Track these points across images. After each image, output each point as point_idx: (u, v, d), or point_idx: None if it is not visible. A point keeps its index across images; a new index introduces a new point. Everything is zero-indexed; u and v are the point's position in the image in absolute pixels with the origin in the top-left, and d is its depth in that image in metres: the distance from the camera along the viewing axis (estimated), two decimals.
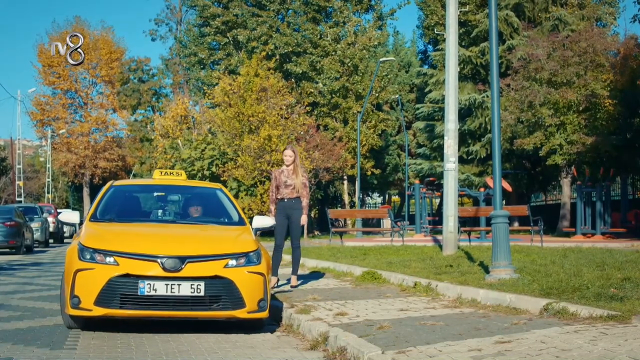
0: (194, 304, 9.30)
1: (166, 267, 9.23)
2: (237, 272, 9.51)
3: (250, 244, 10.11)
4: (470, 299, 10.95)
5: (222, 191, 12.37)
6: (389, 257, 19.23)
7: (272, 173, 14.57)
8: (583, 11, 45.50)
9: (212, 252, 9.68)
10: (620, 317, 8.30)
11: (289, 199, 14.05)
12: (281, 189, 14.10)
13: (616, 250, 18.60)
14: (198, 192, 13.00)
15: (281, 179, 14.12)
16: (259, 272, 9.67)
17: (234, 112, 38.65)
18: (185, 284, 9.24)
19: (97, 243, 9.67)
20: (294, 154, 14.25)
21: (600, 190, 34.36)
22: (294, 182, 14.06)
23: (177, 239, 10.26)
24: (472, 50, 47.36)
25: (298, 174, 14.16)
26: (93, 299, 9.17)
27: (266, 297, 9.66)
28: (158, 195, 12.91)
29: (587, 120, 37.56)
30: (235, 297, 9.37)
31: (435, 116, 50.70)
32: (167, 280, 9.22)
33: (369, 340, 7.91)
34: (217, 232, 10.96)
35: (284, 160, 14.37)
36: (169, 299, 9.22)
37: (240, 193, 40.14)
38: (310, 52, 51.96)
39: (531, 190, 54.51)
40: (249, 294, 9.42)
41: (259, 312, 9.57)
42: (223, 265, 9.49)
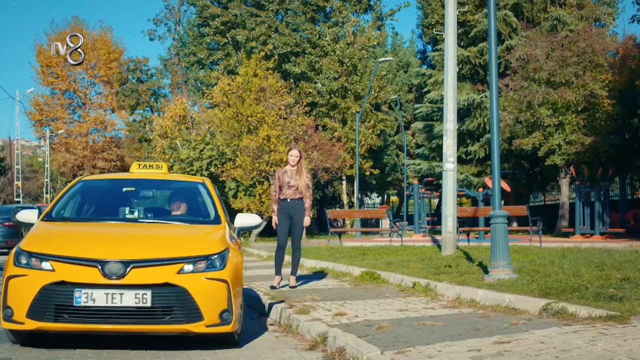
0: (139, 316, 8.13)
1: (106, 272, 8.10)
2: (192, 278, 8.30)
3: (216, 245, 8.87)
4: (469, 299, 10.95)
5: (205, 185, 10.90)
6: (387, 257, 19.24)
7: (275, 172, 14.43)
8: (582, 11, 45.51)
9: (164, 255, 8.45)
10: (620, 318, 8.30)
11: (291, 199, 13.88)
12: (284, 189, 13.91)
13: (615, 251, 18.61)
14: (176, 187, 11.54)
15: (284, 179, 13.91)
16: (221, 279, 8.43)
17: (233, 112, 38.60)
18: (129, 293, 8.08)
19: (36, 246, 8.61)
20: (299, 154, 14.07)
21: (599, 191, 34.37)
22: (297, 183, 13.86)
23: (127, 240, 8.97)
24: (471, 51, 47.37)
25: (302, 175, 13.97)
26: (25, 311, 8.13)
27: (231, 307, 8.40)
28: (127, 190, 11.26)
29: (586, 121, 37.57)
30: (189, 308, 8.19)
31: (434, 116, 50.70)
32: (107, 289, 8.06)
33: (368, 341, 7.92)
34: (181, 232, 9.64)
35: (288, 160, 14.07)
36: (110, 310, 8.08)
37: (239, 193, 40.12)
38: (309, 52, 51.91)
39: (530, 190, 54.48)
40: (207, 305, 8.25)
41: (221, 326, 8.36)
42: (176, 270, 8.29)
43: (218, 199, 10.58)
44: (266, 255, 25.24)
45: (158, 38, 78.14)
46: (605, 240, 30.35)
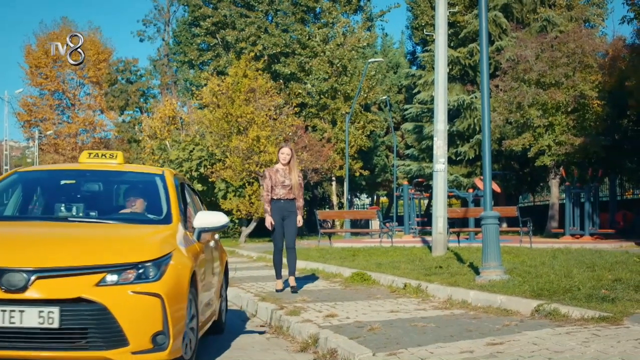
0: (44, 339, 6.44)
1: (3, 284, 6.43)
2: (115, 292, 6.53)
3: (152, 249, 7.02)
4: (460, 300, 10.92)
5: (163, 177, 8.89)
6: (378, 258, 19.22)
7: (265, 172, 13.80)
8: (571, 12, 45.57)
9: (81, 262, 6.64)
10: (612, 319, 8.27)
11: (285, 199, 13.41)
12: (277, 189, 13.41)
13: (605, 251, 18.63)
14: (129, 180, 9.59)
15: (277, 179, 13.41)
16: (153, 293, 6.62)
17: (222, 113, 38.50)
18: (31, 310, 6.40)
19: None
20: (291, 152, 13.60)
21: (589, 191, 34.39)
22: (291, 183, 13.39)
23: (37, 244, 7.15)
24: (461, 51, 47.39)
25: (294, 173, 13.50)
26: None
27: (167, 329, 6.65)
28: (67, 183, 9.45)
29: (576, 121, 37.60)
30: (109, 331, 6.46)
31: (424, 117, 50.70)
32: (3, 305, 6.39)
33: (360, 342, 7.86)
34: (114, 234, 7.67)
35: (279, 159, 13.56)
36: (7, 332, 6.40)
37: (228, 194, 40.09)
38: (299, 53, 51.90)
39: (519, 191, 54.55)
40: (133, 326, 6.51)
41: (154, 352, 6.65)
42: (95, 282, 6.52)
43: (175, 194, 8.61)
44: (256, 256, 25.23)
45: (147, 39, 78.03)
46: (595, 241, 30.35)
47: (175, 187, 8.77)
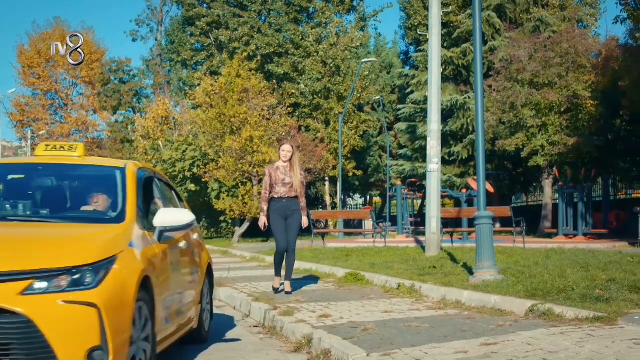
0: None
1: None
2: (41, 302, 5.67)
3: (92, 252, 6.15)
4: (454, 300, 10.90)
5: (124, 171, 7.89)
6: (371, 258, 19.19)
7: (265, 169, 13.26)
8: (564, 12, 45.58)
9: (3, 267, 5.78)
10: (607, 319, 8.26)
11: (287, 198, 12.85)
12: (277, 188, 12.85)
13: (599, 251, 18.61)
14: (86, 175, 8.31)
15: (278, 176, 12.87)
16: (88, 303, 5.78)
17: (216, 113, 38.48)
18: None
19: None
20: (292, 149, 13.09)
21: (582, 191, 34.38)
22: (292, 181, 12.85)
23: None
24: (454, 52, 47.35)
25: (296, 171, 12.97)
26: None
27: (105, 343, 5.80)
28: (15, 178, 8.36)
29: (569, 122, 37.61)
30: (35, 346, 5.62)
31: (417, 117, 50.66)
32: None
33: (354, 343, 7.83)
34: (51, 234, 6.70)
35: (280, 156, 13.02)
36: None
37: (222, 194, 40.04)
38: (292, 53, 51.91)
39: (513, 191, 54.55)
40: (64, 341, 5.66)
41: None
42: (19, 290, 5.68)
43: (133, 189, 7.65)
44: (249, 257, 25.21)
45: (140, 39, 78.07)
46: (588, 241, 30.36)
47: (137, 181, 7.83)
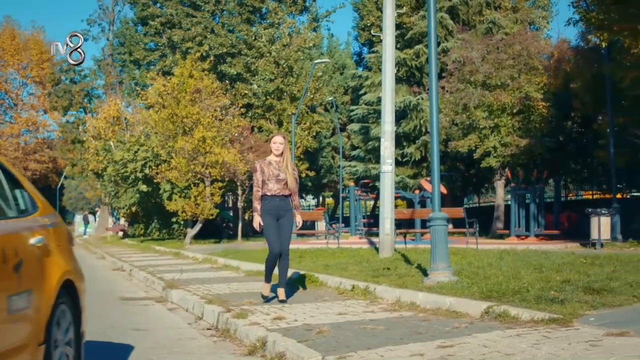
0: None
1: None
2: None
3: None
4: (409, 302, 10.85)
5: None
6: (325, 259, 19.14)
7: (256, 164, 12.02)
8: (517, 14, 45.88)
9: None
10: (562, 320, 8.25)
11: (280, 196, 11.81)
12: (270, 184, 11.75)
13: (551, 252, 18.72)
14: None
15: (271, 172, 11.77)
16: None
17: (168, 113, 38.27)
18: None
19: None
20: (284, 141, 11.99)
21: (534, 193, 34.59)
22: (286, 177, 11.81)
23: None
24: (407, 53, 47.46)
25: (289, 166, 11.91)
26: None
27: None
28: None
29: (521, 123, 37.85)
30: None
31: (370, 118, 50.71)
32: None
33: (309, 346, 7.74)
34: None
35: (271, 149, 11.95)
36: None
37: (174, 195, 39.76)
38: (245, 54, 51.72)
39: (465, 192, 54.81)
40: None
41: None
42: None
43: None
44: (202, 258, 25.08)
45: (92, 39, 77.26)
46: (540, 242, 30.55)
47: None
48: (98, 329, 10.00)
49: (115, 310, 12.72)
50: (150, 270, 20.20)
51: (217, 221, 48.29)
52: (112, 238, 59.98)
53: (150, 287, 16.98)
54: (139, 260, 26.15)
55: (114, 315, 11.99)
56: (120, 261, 26.43)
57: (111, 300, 14.44)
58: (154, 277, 17.69)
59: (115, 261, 27.39)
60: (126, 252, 35.16)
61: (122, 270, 23.67)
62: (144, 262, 24.73)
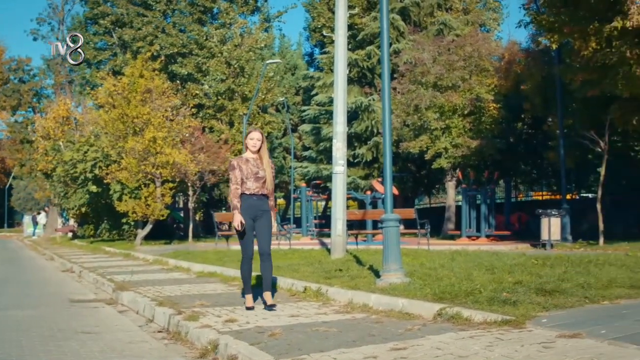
0: None
1: None
2: None
3: None
4: (362, 303, 10.80)
5: None
6: (277, 261, 18.94)
7: (233, 162, 11.17)
8: (468, 16, 46.17)
9: None
10: (515, 322, 8.24)
11: (258, 195, 11.03)
12: (248, 183, 10.95)
13: (502, 253, 18.79)
14: None
15: (249, 170, 10.97)
16: None
17: (118, 113, 37.94)
18: None
19: None
20: (262, 137, 11.18)
21: (485, 193, 34.78)
22: (265, 174, 11.05)
23: None
24: (359, 54, 47.56)
25: (266, 164, 11.15)
26: None
27: None
28: None
29: (472, 124, 38.06)
30: None
31: (322, 119, 50.78)
32: None
33: (261, 348, 7.66)
34: None
35: (247, 146, 11.19)
36: None
37: (124, 196, 39.44)
38: (196, 54, 51.51)
39: (416, 193, 54.99)
40: None
41: None
42: None
43: None
44: (152, 259, 24.89)
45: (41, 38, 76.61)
46: (491, 243, 30.71)
47: None
48: (47, 332, 9.84)
49: (64, 313, 12.55)
50: (101, 272, 19.99)
51: (168, 222, 48.06)
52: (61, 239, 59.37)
53: (100, 288, 16.79)
54: (89, 262, 25.89)
55: (63, 318, 11.82)
56: (70, 262, 26.13)
57: (60, 302, 14.25)
58: (104, 279, 17.50)
59: (64, 262, 27.08)
60: (76, 253, 34.79)
61: (71, 271, 23.40)
62: (94, 264, 24.49)
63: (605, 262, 14.13)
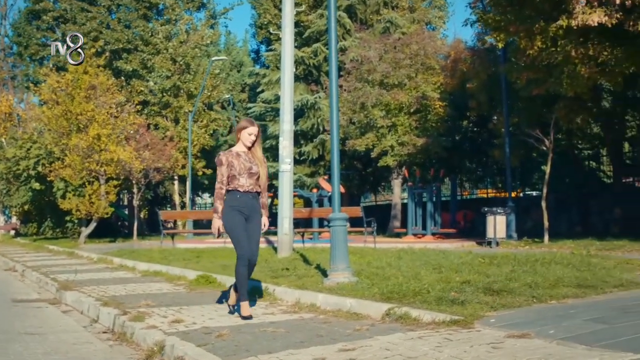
0: None
1: None
2: None
3: None
4: (309, 303, 10.73)
5: None
6: (223, 259, 18.96)
7: (221, 156, 10.11)
8: (414, 14, 46.31)
9: None
10: (463, 322, 8.21)
11: (253, 193, 10.02)
12: (242, 180, 9.88)
13: (449, 252, 18.82)
14: None
15: (242, 165, 9.91)
16: None
17: (62, 110, 37.61)
18: None
19: None
20: (259, 131, 10.17)
21: (431, 191, 34.88)
22: (258, 170, 10.01)
23: None
24: (305, 51, 47.48)
25: (260, 159, 10.11)
26: None
27: None
28: None
29: (418, 122, 38.18)
30: None
31: (267, 116, 50.65)
32: None
33: (208, 350, 7.55)
34: None
35: (241, 139, 10.11)
36: None
37: (68, 194, 39.07)
38: (141, 50, 51.20)
39: (362, 190, 55.07)
40: None
41: None
42: None
43: None
44: (97, 258, 24.65)
45: None
46: (437, 241, 30.82)
47: None
48: None
49: (7, 313, 12.34)
50: (44, 271, 19.73)
51: (112, 220, 47.71)
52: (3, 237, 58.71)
53: (44, 288, 16.56)
54: (32, 260, 25.58)
55: (5, 318, 11.62)
56: (13, 261, 25.79)
57: (3, 302, 14.03)
58: (48, 278, 17.27)
59: (7, 261, 26.73)
60: (18, 251, 34.40)
61: (14, 270, 23.11)
62: (37, 262, 24.19)
63: (552, 260, 14.19)
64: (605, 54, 22.81)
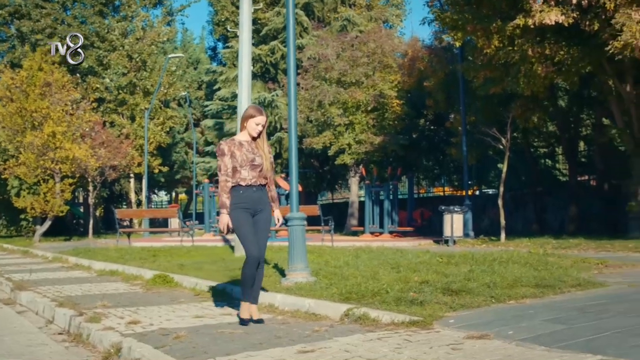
0: None
1: None
2: None
3: None
4: (267, 304, 10.66)
5: None
6: (180, 259, 18.86)
7: (222, 145, 9.11)
8: (371, 12, 46.43)
9: None
10: (423, 323, 8.18)
11: (257, 186, 9.12)
12: (243, 172, 9.00)
13: (407, 250, 18.82)
14: None
15: (244, 156, 9.03)
16: None
17: (16, 107, 37.30)
18: None
19: None
20: (266, 121, 9.32)
21: (388, 189, 34.96)
22: (263, 161, 9.15)
23: None
24: (262, 49, 47.43)
25: (265, 149, 9.22)
26: None
27: None
28: None
29: (375, 120, 38.25)
30: None
31: (224, 114, 50.59)
32: None
33: (166, 352, 7.46)
34: None
35: (247, 129, 9.21)
36: None
37: (22, 192, 38.74)
38: (97, 46, 50.81)
39: (319, 189, 55.09)
40: None
41: None
42: None
43: None
44: (52, 257, 24.43)
45: None
46: (394, 239, 30.89)
47: None
48: None
49: None
50: None
51: (68, 218, 47.33)
52: None
53: None
54: None
55: None
56: None
57: None
58: (2, 278, 17.06)
59: None
60: None
61: None
62: None
63: (509, 260, 14.24)
64: (561, 53, 22.98)
